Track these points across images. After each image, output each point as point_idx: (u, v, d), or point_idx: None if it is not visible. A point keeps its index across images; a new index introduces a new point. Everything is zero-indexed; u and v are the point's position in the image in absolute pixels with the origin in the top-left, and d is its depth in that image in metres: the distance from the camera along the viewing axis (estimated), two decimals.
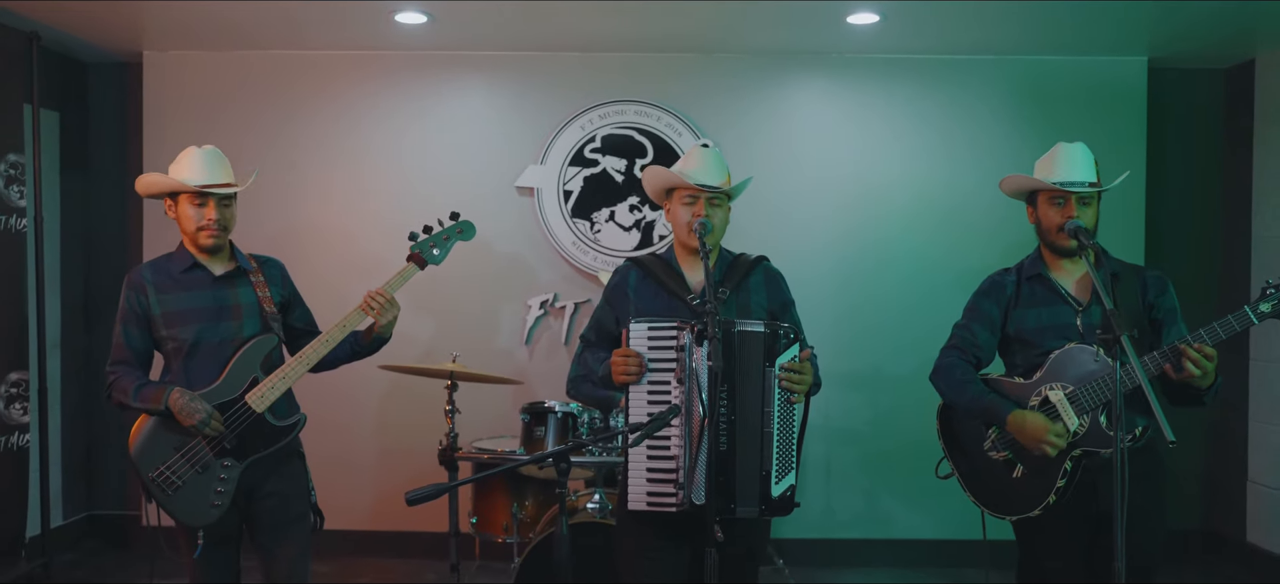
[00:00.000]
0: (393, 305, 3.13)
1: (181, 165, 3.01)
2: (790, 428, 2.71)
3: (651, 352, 2.72)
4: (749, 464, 2.67)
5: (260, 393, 2.98)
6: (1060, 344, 2.86)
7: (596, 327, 3.04)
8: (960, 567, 5.18)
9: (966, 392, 2.97)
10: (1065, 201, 2.88)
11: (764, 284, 2.98)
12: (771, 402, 2.68)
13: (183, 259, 3.05)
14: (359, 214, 5.31)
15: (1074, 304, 2.91)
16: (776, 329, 2.70)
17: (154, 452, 2.95)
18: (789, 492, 2.71)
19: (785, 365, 2.68)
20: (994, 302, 3.03)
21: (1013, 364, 3.02)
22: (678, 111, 5.21)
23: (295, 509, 3.12)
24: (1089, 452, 2.80)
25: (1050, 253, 2.97)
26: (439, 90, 5.32)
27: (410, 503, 2.31)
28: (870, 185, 5.28)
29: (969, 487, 3.05)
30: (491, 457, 4.10)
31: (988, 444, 2.98)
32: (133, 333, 3.02)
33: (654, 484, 2.70)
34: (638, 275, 2.98)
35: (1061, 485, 2.81)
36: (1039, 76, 5.24)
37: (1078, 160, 2.89)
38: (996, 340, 3.04)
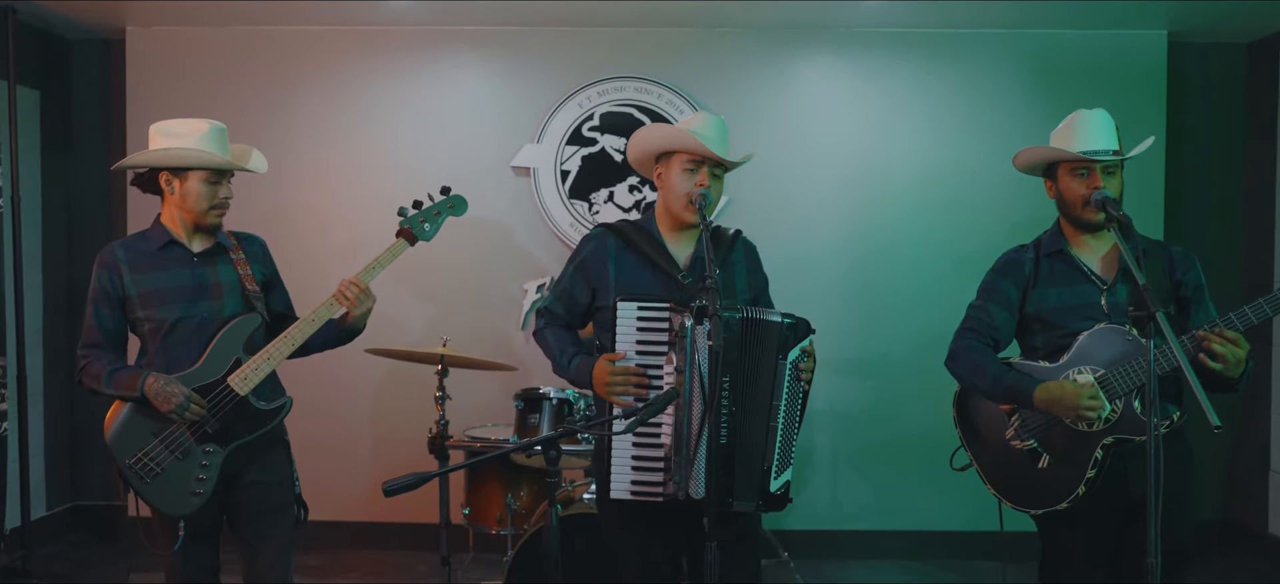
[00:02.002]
0: (367, 297, 2.96)
1: (194, 139, 2.81)
2: (793, 423, 2.60)
3: (641, 335, 2.57)
4: (752, 458, 2.55)
5: (243, 375, 2.82)
6: (1085, 325, 2.69)
7: (564, 298, 2.82)
8: (970, 558, 5.04)
9: (986, 372, 2.80)
10: (1088, 172, 2.71)
11: (744, 259, 2.86)
12: (780, 395, 2.55)
13: (158, 236, 2.88)
14: (351, 193, 5.15)
15: (1098, 282, 2.74)
16: (796, 323, 2.58)
17: (131, 437, 2.79)
18: (785, 488, 2.62)
19: (797, 359, 2.56)
20: (1011, 280, 2.86)
21: (1032, 347, 2.85)
22: (679, 88, 5.05)
23: (278, 500, 2.96)
24: (1121, 439, 2.63)
25: (1072, 227, 2.80)
26: (433, 67, 5.16)
27: (387, 494, 2.20)
28: (877, 164, 5.13)
29: (989, 478, 2.88)
30: (485, 445, 3.94)
31: (1010, 433, 2.81)
32: (105, 314, 2.85)
33: (640, 472, 2.56)
34: (617, 245, 2.77)
35: (1092, 476, 2.65)
36: (1052, 51, 5.07)
37: (1099, 127, 2.72)
38: (1015, 322, 2.87)
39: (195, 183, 2.82)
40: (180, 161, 2.81)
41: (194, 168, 2.81)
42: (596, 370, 2.64)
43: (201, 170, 2.82)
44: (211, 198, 2.84)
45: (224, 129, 2.90)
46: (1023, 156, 2.86)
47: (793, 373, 2.56)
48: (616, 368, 2.57)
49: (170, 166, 2.82)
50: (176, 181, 2.83)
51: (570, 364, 2.75)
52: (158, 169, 2.84)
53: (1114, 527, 2.70)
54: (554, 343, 2.82)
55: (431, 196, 3.13)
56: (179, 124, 2.84)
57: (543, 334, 2.87)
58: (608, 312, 2.64)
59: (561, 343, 2.81)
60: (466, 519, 4.07)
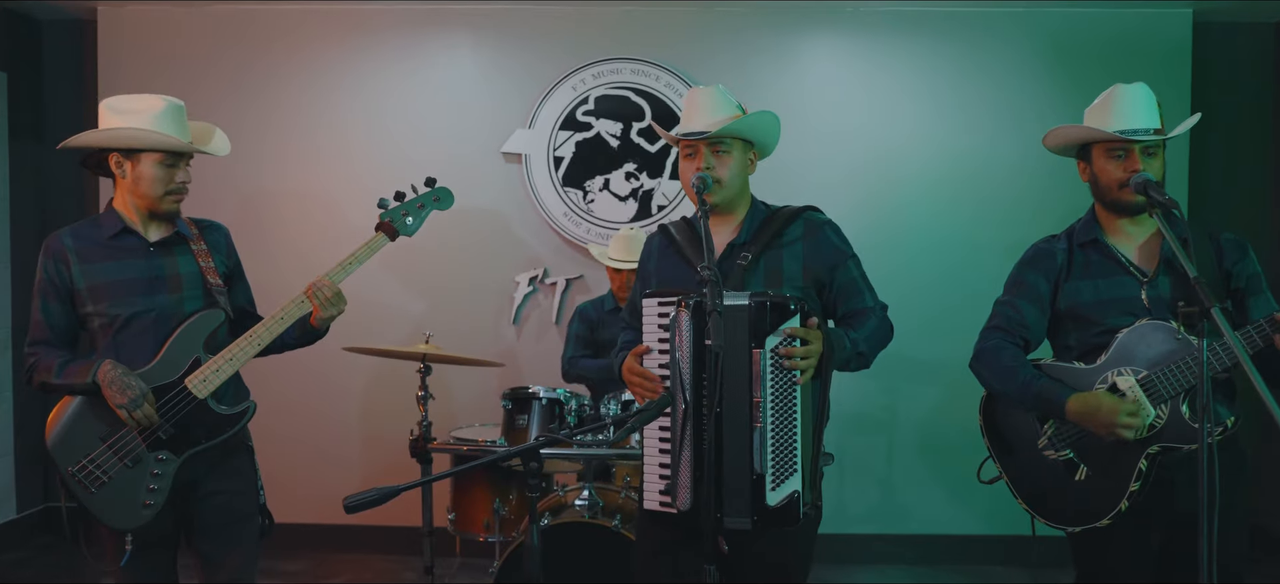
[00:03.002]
0: (337, 301, 2.73)
1: (147, 118, 2.57)
2: (790, 420, 2.25)
3: (662, 331, 2.33)
4: (736, 466, 2.24)
5: (203, 376, 2.59)
6: (1125, 321, 2.44)
7: (630, 308, 2.69)
8: (982, 564, 4.83)
9: (1015, 378, 2.55)
10: (1126, 153, 2.45)
11: (803, 240, 2.49)
12: (760, 389, 2.23)
13: (111, 223, 2.64)
14: (336, 179, 4.93)
15: (1138, 274, 2.49)
16: (765, 300, 2.24)
17: (75, 442, 2.56)
18: (791, 500, 2.25)
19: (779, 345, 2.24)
20: (1042, 273, 2.60)
21: (1065, 346, 2.60)
22: (678, 70, 4.80)
23: (241, 510, 2.73)
24: (1168, 448, 2.39)
25: (1108, 214, 2.55)
26: (420, 48, 4.93)
27: (348, 510, 1.96)
28: (885, 150, 4.89)
29: (1020, 492, 2.64)
30: (470, 448, 3.70)
31: (1043, 442, 2.57)
32: (53, 308, 2.62)
33: (666, 482, 2.33)
34: (661, 242, 2.60)
35: (1135, 489, 2.40)
36: (1070, 29, 4.83)
37: (1139, 104, 2.47)
38: (1047, 319, 2.62)
39: (149, 165, 2.58)
40: (131, 142, 2.57)
41: (147, 149, 2.57)
42: (625, 364, 2.43)
43: (156, 152, 2.57)
44: (167, 182, 2.60)
45: (181, 107, 2.66)
46: (1054, 136, 2.60)
47: (774, 362, 2.24)
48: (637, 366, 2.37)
49: (120, 147, 2.58)
50: (128, 164, 2.59)
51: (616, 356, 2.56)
52: (108, 150, 2.60)
53: (1158, 539, 2.46)
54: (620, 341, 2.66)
55: (415, 188, 2.90)
56: (131, 100, 2.60)
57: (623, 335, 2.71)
58: None
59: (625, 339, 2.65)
60: (452, 524, 3.84)
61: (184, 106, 2.67)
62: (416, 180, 2.94)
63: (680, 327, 2.26)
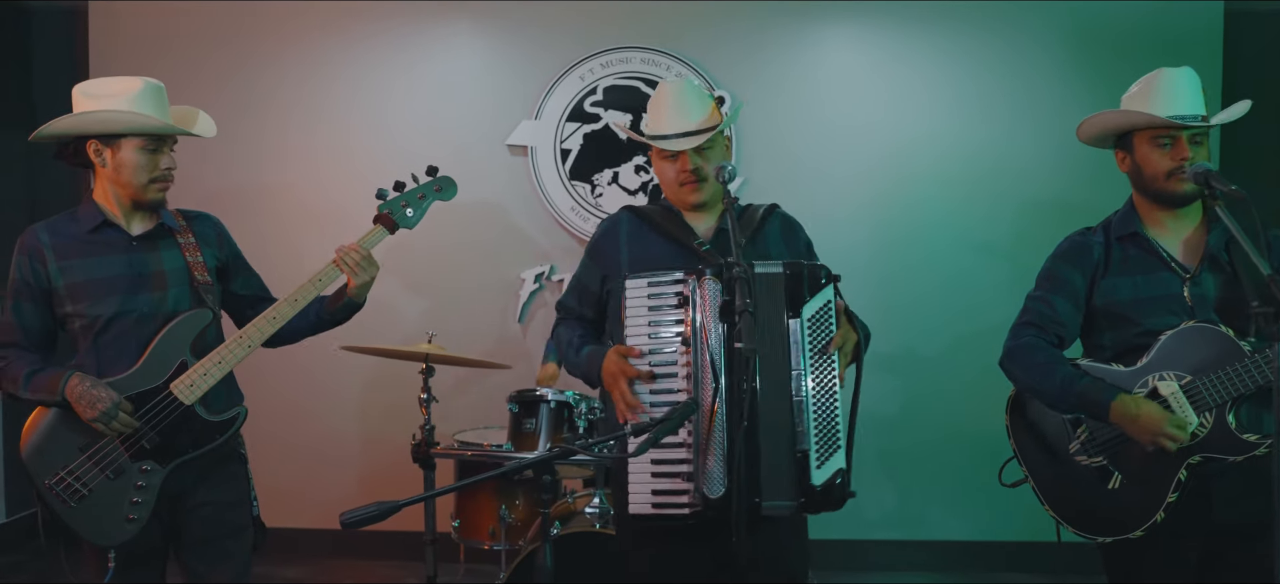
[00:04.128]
0: (370, 264, 2.59)
1: (125, 100, 2.40)
2: (831, 394, 2.11)
3: (653, 314, 2.18)
4: (776, 442, 2.07)
5: (189, 381, 2.43)
6: (1164, 321, 2.30)
7: (577, 289, 2.53)
8: (999, 571, 4.67)
9: (1053, 376, 2.39)
10: (1173, 141, 2.31)
11: (781, 234, 2.47)
12: (800, 359, 2.09)
13: (91, 216, 2.48)
14: (335, 173, 4.78)
15: (1180, 270, 2.34)
16: (800, 269, 2.14)
17: (53, 453, 2.41)
18: (838, 478, 2.10)
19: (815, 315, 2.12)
20: (1078, 268, 2.45)
21: (1099, 345, 2.45)
22: (690, 59, 4.64)
23: (232, 521, 2.57)
24: (1211, 458, 2.24)
25: (1150, 205, 2.40)
26: (423, 37, 4.77)
27: (345, 526, 1.83)
28: (903, 144, 4.73)
29: (1046, 498, 2.50)
30: (475, 453, 3.55)
31: (1076, 447, 2.42)
32: (26, 309, 2.46)
33: (661, 481, 2.14)
34: (631, 223, 2.46)
35: (1172, 500, 2.25)
36: (1095, 20, 4.65)
37: (1185, 90, 2.33)
38: (1081, 315, 2.47)
39: (130, 152, 2.42)
40: (108, 126, 2.40)
41: (126, 134, 2.41)
42: (604, 363, 2.26)
43: (136, 137, 2.41)
44: (151, 169, 2.43)
45: (161, 88, 2.49)
46: (1091, 124, 2.45)
47: (811, 332, 2.11)
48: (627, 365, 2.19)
49: (98, 133, 2.42)
50: (108, 151, 2.43)
51: (578, 354, 2.40)
52: (85, 137, 2.43)
53: (1196, 550, 2.32)
54: (564, 336, 2.49)
55: (416, 178, 2.73)
56: (106, 83, 2.44)
57: (556, 331, 2.56)
58: (618, 297, 2.29)
59: (571, 335, 2.48)
60: (456, 532, 3.69)
61: (164, 87, 2.51)
62: (418, 173, 2.78)
63: (702, 301, 2.10)
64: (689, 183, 2.33)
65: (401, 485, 4.69)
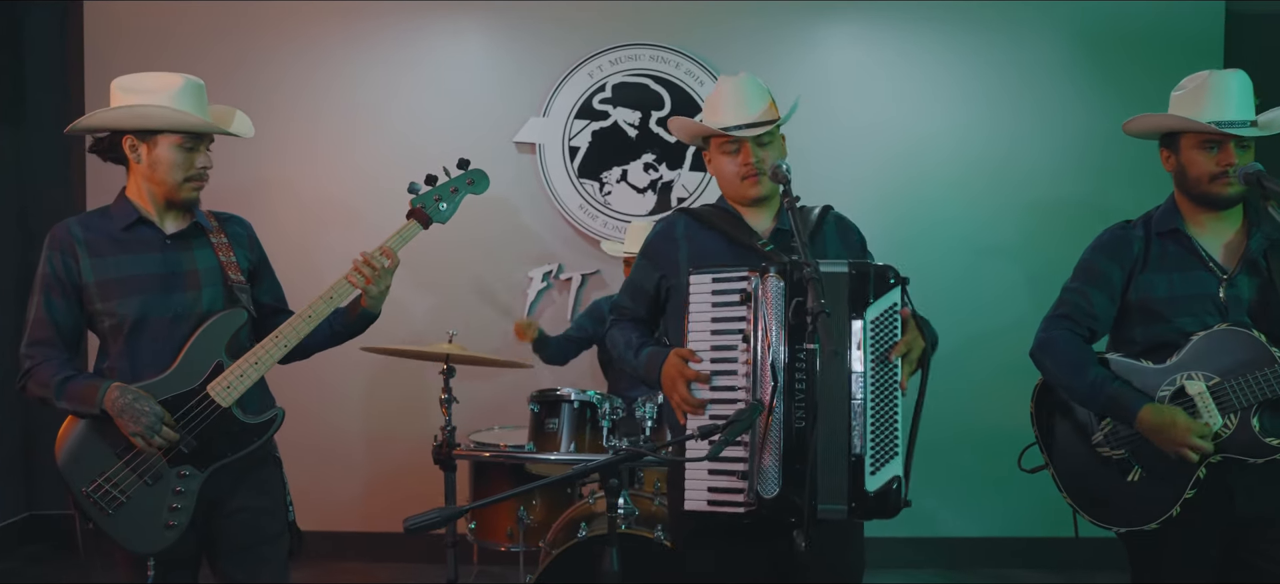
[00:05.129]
0: (387, 273, 2.52)
1: (165, 96, 2.33)
2: (891, 400, 2.08)
3: (717, 311, 2.16)
4: (831, 445, 2.04)
5: (226, 382, 2.36)
6: (1196, 320, 2.32)
7: (631, 290, 2.49)
8: (1008, 567, 4.71)
9: (1083, 375, 2.41)
10: (1220, 146, 2.31)
11: (837, 234, 2.46)
12: (865, 363, 2.07)
13: (124, 213, 2.41)
14: (339, 171, 4.71)
15: (1217, 271, 2.35)
16: (866, 269, 2.10)
17: (89, 459, 2.32)
18: (894, 485, 2.06)
19: (879, 318, 2.09)
20: (1116, 262, 2.45)
21: (1129, 339, 2.46)
22: (698, 56, 4.63)
23: (269, 528, 2.50)
24: (1232, 459, 2.27)
25: (1192, 205, 2.40)
26: (428, 32, 4.71)
27: (409, 532, 1.81)
28: (911, 143, 4.75)
29: (1065, 486, 2.53)
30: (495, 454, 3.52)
31: (1099, 438, 2.44)
32: (57, 305, 2.37)
33: (718, 478, 2.13)
34: (688, 223, 2.44)
35: (1189, 496, 2.29)
36: (1099, 21, 4.71)
37: (1234, 94, 2.33)
38: (1115, 309, 2.48)
39: (167, 149, 2.35)
40: (147, 122, 2.33)
41: (165, 130, 2.34)
42: (666, 366, 2.22)
43: (174, 134, 2.35)
44: (187, 167, 2.37)
45: (201, 85, 2.43)
46: (1138, 123, 2.46)
47: (874, 335, 2.08)
48: (687, 368, 2.16)
49: (136, 128, 2.35)
50: (144, 147, 2.36)
51: (638, 355, 2.35)
52: (121, 132, 2.37)
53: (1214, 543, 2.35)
54: (621, 339, 2.44)
55: (447, 171, 2.69)
56: (146, 78, 2.37)
57: (611, 334, 2.49)
58: (679, 297, 2.27)
59: (628, 336, 2.43)
60: (472, 533, 3.65)
61: (204, 85, 2.44)
62: (423, 171, 2.71)
63: (765, 298, 2.07)
64: (750, 176, 2.31)
65: (410, 487, 4.64)
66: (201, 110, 2.40)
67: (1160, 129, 2.44)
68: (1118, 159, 4.72)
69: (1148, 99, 4.74)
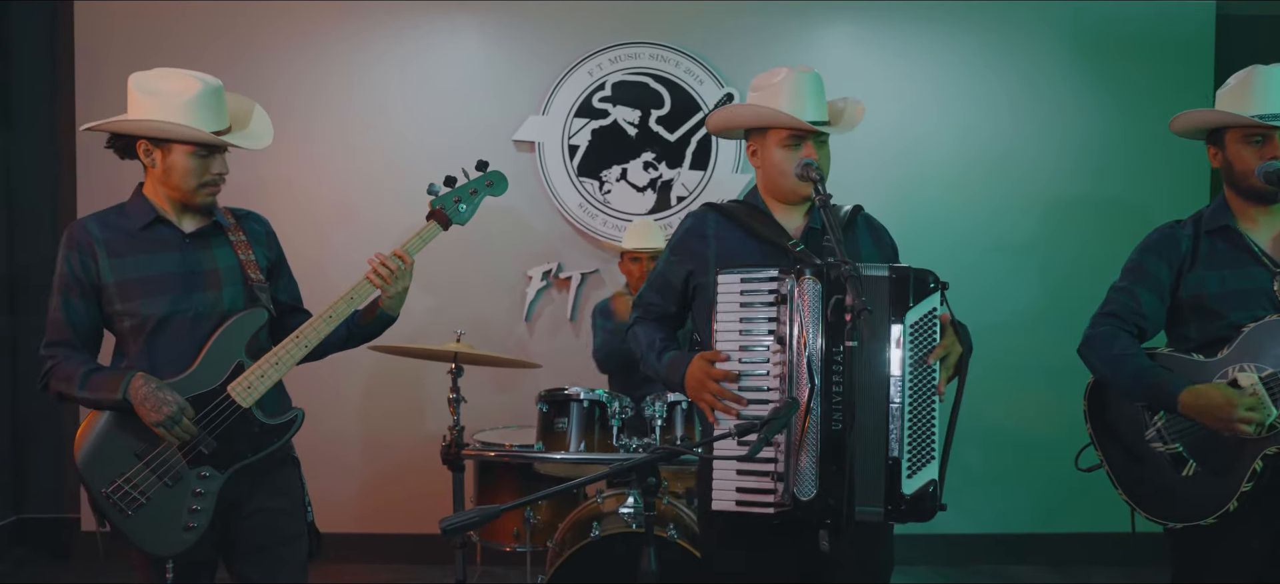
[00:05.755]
0: (404, 274, 2.50)
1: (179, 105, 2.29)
2: (928, 404, 2.10)
3: (745, 311, 2.15)
4: (868, 448, 2.06)
5: (246, 382, 2.34)
6: (1253, 314, 2.33)
7: (658, 283, 2.46)
8: (1005, 563, 4.76)
9: (1126, 366, 2.44)
10: (1265, 139, 2.34)
11: (869, 235, 2.46)
12: (899, 365, 2.08)
13: (141, 212, 2.38)
14: (336, 171, 4.66)
15: (1270, 264, 2.38)
16: (907, 274, 2.11)
17: (109, 460, 2.29)
18: (930, 488, 2.09)
19: (919, 322, 2.10)
20: (1164, 260, 2.48)
21: (1185, 337, 2.49)
22: (698, 55, 4.63)
23: (287, 529, 2.48)
24: None
25: (1241, 201, 2.43)
26: (426, 30, 4.68)
27: (445, 533, 1.82)
28: (909, 144, 4.77)
29: (1121, 483, 2.53)
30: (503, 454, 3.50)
31: (1151, 434, 2.46)
32: (76, 305, 2.34)
33: (747, 478, 2.12)
34: (717, 220, 2.42)
35: (1247, 489, 2.30)
36: (1094, 21, 4.76)
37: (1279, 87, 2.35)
38: (1165, 308, 2.51)
39: (181, 156, 2.32)
40: (159, 133, 2.31)
41: (177, 141, 2.32)
42: (691, 370, 2.22)
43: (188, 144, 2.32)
44: (201, 174, 2.34)
45: (219, 88, 2.40)
46: (1183, 119, 2.48)
47: (913, 339, 2.09)
48: (714, 369, 2.15)
49: (148, 136, 2.32)
50: (158, 153, 2.33)
51: (660, 359, 2.35)
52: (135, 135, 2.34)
53: (1264, 546, 2.36)
54: (644, 337, 2.43)
55: (466, 172, 2.68)
56: (163, 79, 2.33)
57: (633, 331, 2.48)
58: (706, 296, 2.26)
59: (650, 337, 2.42)
60: (478, 534, 3.63)
61: (221, 87, 2.42)
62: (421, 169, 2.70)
63: (801, 298, 2.07)
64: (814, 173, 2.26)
65: (409, 488, 4.61)
66: (219, 116, 2.37)
67: (1205, 125, 2.47)
68: (1115, 157, 4.79)
69: (1141, 98, 4.85)
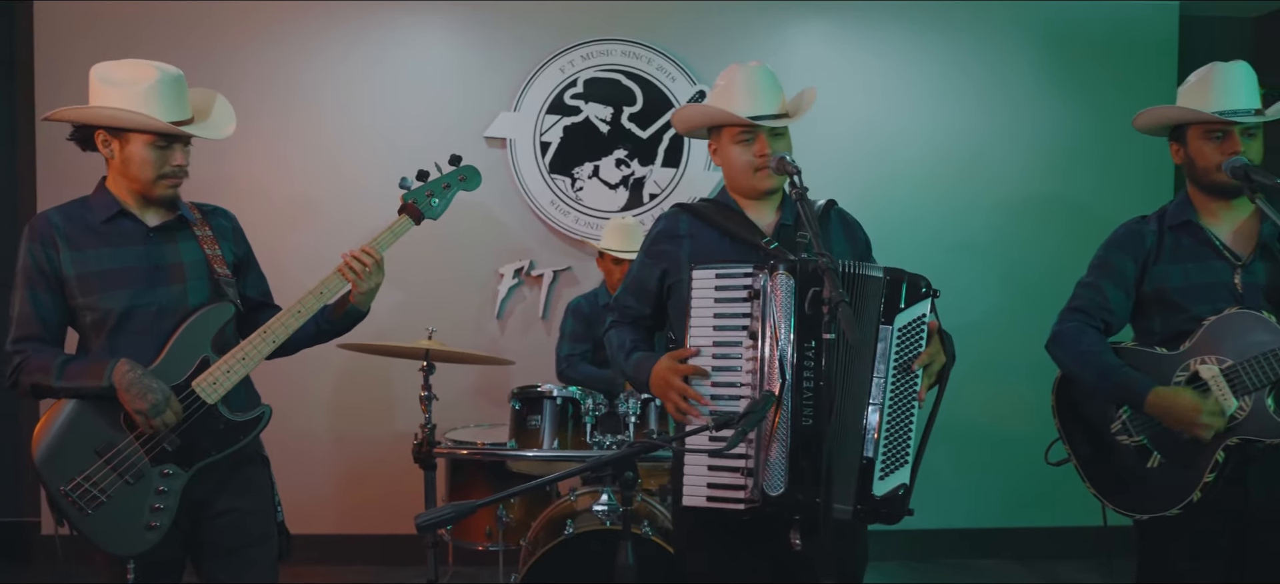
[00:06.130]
0: (378, 269, 2.47)
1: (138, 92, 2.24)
2: (908, 408, 2.11)
3: (720, 307, 2.14)
4: (844, 446, 2.06)
5: (212, 378, 2.29)
6: (1215, 307, 2.36)
7: (634, 286, 2.44)
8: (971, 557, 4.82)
9: (1094, 363, 2.46)
10: (1225, 135, 2.36)
11: (842, 229, 2.45)
12: (883, 368, 2.08)
13: (104, 205, 2.32)
14: (306, 169, 4.60)
15: (1231, 258, 2.41)
16: (901, 277, 2.11)
17: (68, 457, 2.23)
18: (900, 492, 2.10)
19: (909, 326, 2.10)
20: (1130, 255, 2.50)
21: (1149, 330, 2.51)
22: (671, 53, 4.62)
23: (256, 530, 2.43)
24: (1248, 441, 2.32)
25: (1203, 195, 2.46)
26: (398, 26, 4.63)
27: (421, 529, 1.79)
28: (880, 141, 4.80)
29: (1088, 476, 2.56)
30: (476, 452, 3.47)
31: (1117, 427, 2.48)
32: (43, 299, 2.27)
33: (718, 475, 2.11)
34: (690, 220, 2.41)
35: (1210, 480, 2.33)
36: (1062, 22, 4.82)
37: (1239, 84, 2.38)
38: (1131, 303, 2.53)
39: (139, 147, 2.27)
40: (115, 122, 2.26)
41: (134, 130, 2.27)
42: (656, 369, 2.20)
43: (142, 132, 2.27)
44: (160, 165, 2.29)
45: (179, 79, 2.34)
46: (1146, 117, 2.51)
47: (900, 343, 2.10)
48: (680, 367, 2.14)
49: (105, 125, 2.27)
50: (116, 144, 2.28)
51: (628, 360, 2.33)
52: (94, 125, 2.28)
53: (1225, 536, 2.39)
54: (615, 340, 2.41)
55: (439, 167, 2.64)
56: (122, 69, 2.28)
57: (608, 335, 2.46)
58: (680, 294, 2.25)
59: (623, 339, 2.40)
60: (449, 533, 3.60)
61: (182, 77, 2.36)
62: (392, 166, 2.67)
63: (774, 294, 2.06)
64: (763, 168, 2.28)
65: (380, 487, 4.56)
66: (180, 105, 2.32)
67: (1168, 121, 2.49)
68: (1083, 156, 4.84)
69: (1108, 98, 4.91)
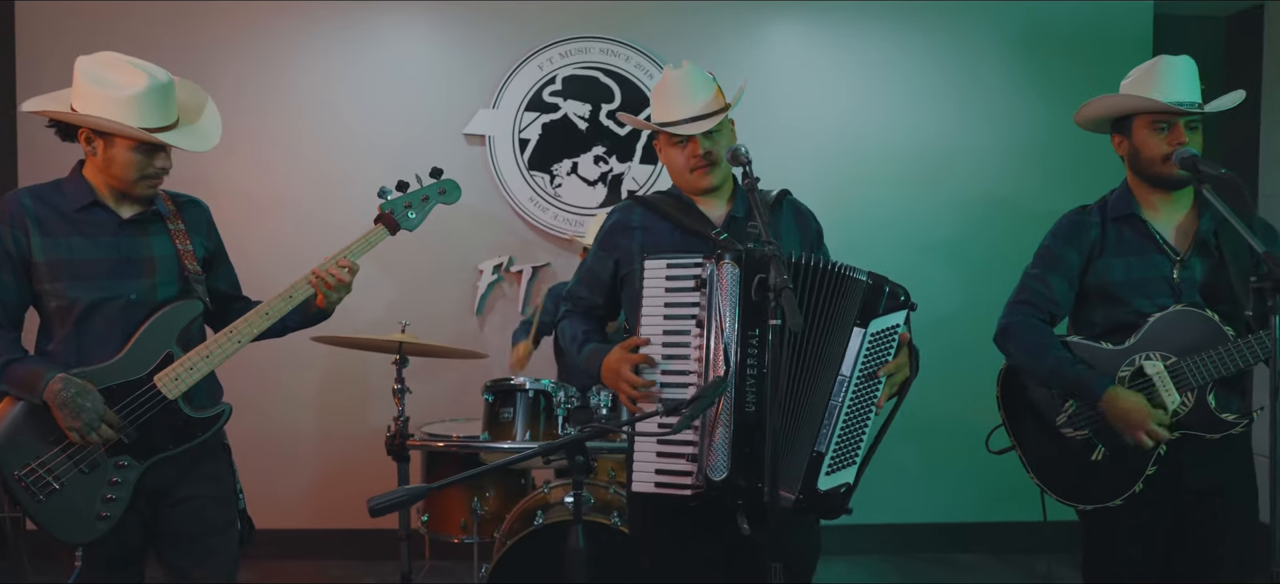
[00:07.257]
0: (344, 287, 2.50)
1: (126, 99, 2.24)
2: (865, 413, 2.15)
3: (671, 296, 2.17)
4: (798, 435, 2.10)
5: (174, 374, 2.31)
6: (1152, 302, 2.39)
7: (587, 279, 2.47)
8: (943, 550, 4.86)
9: (1046, 357, 2.48)
10: (1170, 127, 2.39)
11: (794, 221, 2.47)
12: (851, 369, 2.11)
13: (79, 193, 2.33)
14: (284, 167, 4.62)
15: (1171, 253, 2.43)
16: (883, 284, 2.15)
17: (24, 442, 2.24)
18: (842, 490, 2.14)
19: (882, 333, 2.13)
20: (1074, 247, 2.52)
21: (1089, 321, 2.53)
22: (648, 50, 4.64)
23: (218, 518, 2.45)
24: (1189, 436, 2.36)
25: (1145, 188, 2.47)
26: (376, 23, 4.65)
27: (373, 513, 1.80)
28: (855, 140, 4.83)
29: (1032, 466, 2.59)
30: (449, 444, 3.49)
31: (1063, 420, 2.51)
32: (6, 281, 2.28)
33: (666, 460, 2.15)
34: (642, 212, 2.43)
35: (1151, 473, 2.37)
36: (1036, 20, 4.86)
37: (1184, 77, 2.41)
38: (1074, 294, 2.55)
39: (122, 150, 2.28)
40: (101, 128, 2.27)
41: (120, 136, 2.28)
42: (608, 359, 2.24)
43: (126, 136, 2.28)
44: (142, 168, 2.30)
45: (168, 84, 2.33)
46: (1091, 107, 2.52)
47: (871, 348, 2.13)
48: (631, 357, 2.17)
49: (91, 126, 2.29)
50: (99, 143, 2.29)
51: (581, 351, 2.36)
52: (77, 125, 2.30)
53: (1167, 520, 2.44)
54: (569, 331, 2.44)
55: (419, 178, 2.65)
56: (112, 69, 2.28)
57: (561, 325, 2.49)
58: (633, 284, 2.27)
59: (576, 330, 2.43)
60: (425, 526, 3.61)
61: (172, 83, 2.35)
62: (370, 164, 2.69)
63: (720, 284, 2.09)
64: (700, 167, 2.32)
65: (362, 480, 4.56)
66: (166, 111, 2.32)
67: (1112, 112, 2.50)
68: (1057, 156, 4.87)
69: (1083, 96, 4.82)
